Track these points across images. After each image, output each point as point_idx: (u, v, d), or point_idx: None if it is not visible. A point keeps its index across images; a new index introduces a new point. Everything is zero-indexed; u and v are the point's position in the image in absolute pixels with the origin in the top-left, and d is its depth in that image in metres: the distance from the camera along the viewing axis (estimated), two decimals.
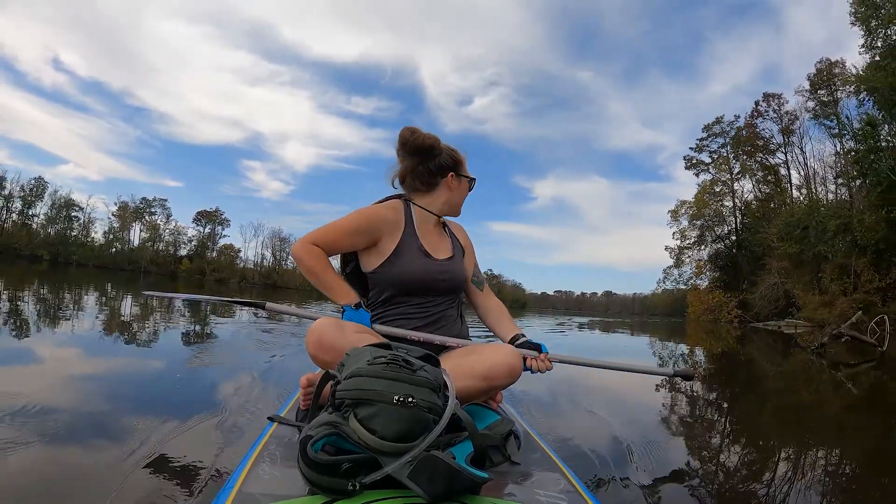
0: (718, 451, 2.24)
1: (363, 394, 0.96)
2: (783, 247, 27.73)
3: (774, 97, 36.03)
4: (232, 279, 58.33)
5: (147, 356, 3.64)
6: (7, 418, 1.72)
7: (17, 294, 8.11)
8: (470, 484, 0.91)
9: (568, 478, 1.11)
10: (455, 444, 1.07)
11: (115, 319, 6.10)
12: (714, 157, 39.26)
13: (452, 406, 1.00)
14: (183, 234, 65.44)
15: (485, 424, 1.23)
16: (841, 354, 7.90)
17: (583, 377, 3.73)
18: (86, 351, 3.56)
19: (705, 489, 1.71)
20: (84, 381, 2.54)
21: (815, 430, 2.97)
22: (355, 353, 1.08)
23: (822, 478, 1.93)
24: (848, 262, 24.20)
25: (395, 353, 1.05)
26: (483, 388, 1.40)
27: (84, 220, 58.00)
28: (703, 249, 39.41)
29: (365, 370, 0.98)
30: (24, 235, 50.63)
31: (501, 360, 1.42)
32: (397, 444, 0.93)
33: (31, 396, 1.99)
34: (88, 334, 4.40)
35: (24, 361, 2.90)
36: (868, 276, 23.47)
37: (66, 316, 5.71)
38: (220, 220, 67.41)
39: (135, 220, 61.52)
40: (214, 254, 66.61)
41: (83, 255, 52.09)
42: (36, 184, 54.36)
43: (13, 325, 4.41)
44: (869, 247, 23.62)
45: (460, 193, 1.78)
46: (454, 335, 1.66)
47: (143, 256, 58.18)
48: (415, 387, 0.97)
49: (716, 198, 38.87)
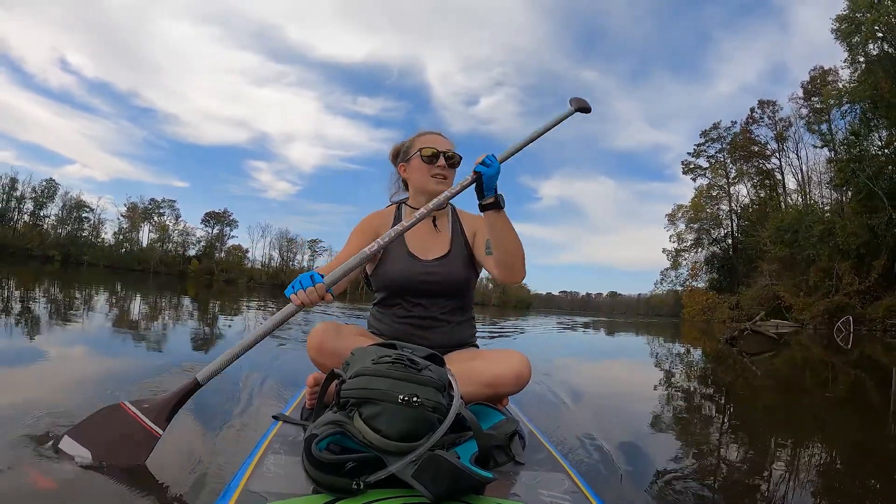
0: (719, 449, 2.23)
1: (368, 393, 0.96)
2: (774, 250, 29.10)
3: (769, 104, 36.94)
4: (240, 279, 58.93)
5: (152, 352, 3.66)
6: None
7: (28, 294, 8.17)
8: (474, 484, 0.91)
9: (572, 478, 1.11)
10: (459, 443, 1.07)
11: (124, 318, 6.14)
12: (712, 161, 40.11)
13: (457, 406, 1.00)
14: (192, 235, 66.47)
15: (489, 424, 1.23)
16: (749, 346, 9.49)
17: (587, 378, 3.73)
18: (91, 348, 3.58)
19: (709, 487, 1.70)
20: (84, 381, 2.56)
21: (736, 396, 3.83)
22: (360, 353, 1.08)
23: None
24: (832, 265, 25.72)
25: (400, 353, 1.05)
26: (487, 395, 1.39)
27: (94, 221, 59.26)
28: (701, 252, 40.41)
29: (370, 369, 0.98)
30: (36, 236, 51.47)
31: (508, 368, 1.40)
32: (401, 443, 0.93)
33: (34, 396, 2.00)
34: (94, 332, 4.43)
35: (11, 362, 2.92)
36: (849, 280, 24.82)
37: (76, 316, 5.75)
38: (228, 221, 68.32)
39: (144, 220, 62.43)
40: (223, 254, 67.40)
41: (94, 256, 53.01)
42: (47, 185, 55.53)
43: (9, 325, 4.44)
44: (851, 251, 24.92)
45: (417, 172, 1.67)
46: (450, 340, 1.64)
47: (153, 257, 59.08)
48: (420, 386, 0.97)
49: (712, 202, 39.89)
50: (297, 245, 71.01)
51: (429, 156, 1.64)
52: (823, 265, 26.31)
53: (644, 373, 5.46)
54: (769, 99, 37.31)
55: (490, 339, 7.35)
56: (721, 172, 39.55)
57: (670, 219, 41.67)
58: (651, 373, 5.48)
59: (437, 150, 1.64)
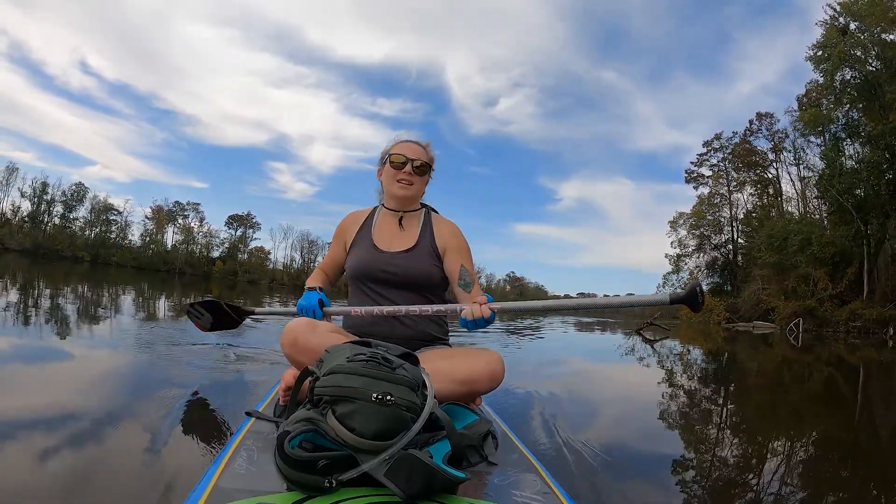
0: (698, 447, 2.28)
1: (342, 391, 0.95)
2: (764, 257, 31.03)
3: (767, 116, 38.59)
4: (263, 280, 59.88)
5: (126, 351, 3.58)
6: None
7: (57, 290, 8.49)
8: (447, 483, 0.91)
9: (545, 479, 1.12)
10: (433, 443, 1.08)
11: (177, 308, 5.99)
12: (714, 170, 41.91)
13: (431, 405, 1.01)
14: (216, 237, 67.71)
15: (463, 424, 1.24)
16: (649, 335, 11.59)
17: (562, 379, 3.78)
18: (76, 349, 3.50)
19: (681, 487, 1.74)
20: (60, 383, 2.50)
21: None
22: (335, 350, 1.08)
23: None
24: (809, 272, 28.00)
25: (375, 351, 1.05)
26: (462, 393, 1.40)
27: (122, 223, 61.05)
28: (702, 257, 42.25)
29: (344, 367, 0.98)
30: (66, 238, 53.37)
31: (482, 366, 1.42)
32: (375, 441, 0.93)
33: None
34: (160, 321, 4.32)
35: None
36: (823, 285, 27.01)
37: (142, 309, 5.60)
38: (250, 224, 69.69)
39: (168, 222, 63.75)
40: (246, 256, 68.49)
41: (122, 257, 54.56)
42: (77, 189, 57.63)
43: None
44: (826, 259, 27.25)
45: (386, 177, 1.78)
46: (413, 333, 1.67)
47: (178, 258, 60.23)
48: (394, 385, 0.97)
49: (714, 209, 41.69)
50: (317, 247, 71.56)
51: (397, 163, 1.74)
52: (802, 272, 28.37)
53: (604, 370, 5.55)
54: (767, 111, 39.08)
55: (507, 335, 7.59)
56: (722, 181, 41.33)
57: (672, 226, 43.26)
58: (617, 369, 5.56)
59: (406, 158, 1.73)
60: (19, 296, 7.07)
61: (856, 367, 7.46)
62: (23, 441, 1.51)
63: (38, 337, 3.68)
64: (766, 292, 30.38)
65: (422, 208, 1.84)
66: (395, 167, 1.74)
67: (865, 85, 26.54)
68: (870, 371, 7.09)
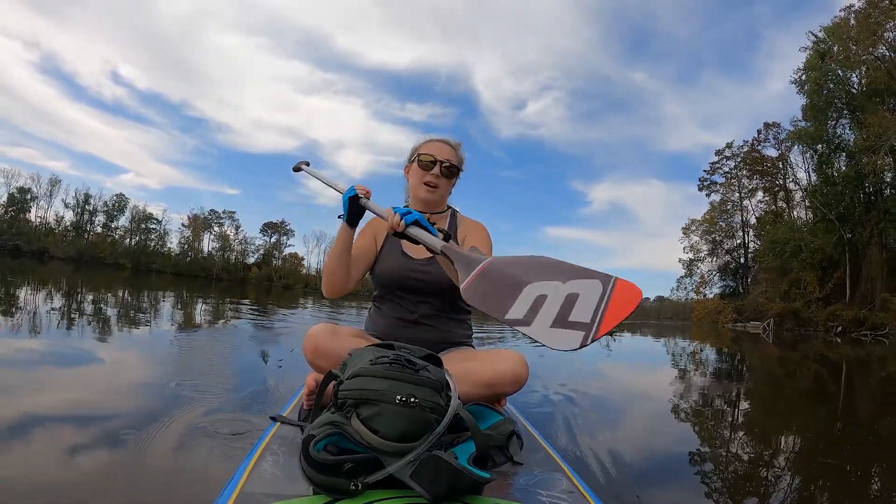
0: (722, 447, 2.23)
1: (366, 393, 0.95)
2: (765, 261, 34.18)
3: (773, 126, 39.95)
4: (297, 285, 61.08)
5: (161, 355, 3.65)
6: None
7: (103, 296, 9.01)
8: (472, 484, 0.91)
9: (570, 478, 1.11)
10: (457, 444, 1.07)
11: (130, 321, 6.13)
12: (727, 177, 43.28)
13: (455, 406, 1.00)
14: (251, 244, 70.21)
15: (487, 425, 1.23)
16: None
17: (586, 379, 3.73)
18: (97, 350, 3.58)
19: (707, 485, 1.70)
20: (84, 384, 2.56)
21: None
22: (358, 353, 1.08)
23: None
24: (800, 276, 31.03)
25: (398, 353, 1.04)
26: (485, 396, 1.38)
27: (161, 231, 63.89)
28: (715, 261, 43.92)
29: (367, 370, 0.98)
30: (108, 246, 56.34)
31: (505, 368, 1.40)
32: (400, 443, 0.93)
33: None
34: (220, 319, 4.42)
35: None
36: (811, 288, 30.19)
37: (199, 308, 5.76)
38: (284, 231, 71.51)
39: (204, 230, 66.34)
40: (280, 262, 70.30)
41: (161, 264, 57.10)
42: (118, 199, 61.04)
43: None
44: (816, 264, 30.43)
45: (413, 177, 1.73)
46: (440, 338, 1.65)
47: (216, 265, 62.76)
48: (417, 387, 0.96)
49: (725, 215, 43.38)
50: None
51: (425, 162, 1.68)
52: (794, 276, 31.50)
53: (637, 371, 5.48)
54: (774, 121, 40.30)
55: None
56: (734, 187, 42.80)
57: (684, 231, 44.81)
58: (644, 371, 5.49)
59: (435, 158, 1.67)
60: (72, 302, 7.27)
61: (796, 360, 8.44)
62: (56, 439, 1.55)
63: (91, 339, 3.82)
64: (765, 295, 32.91)
65: (448, 210, 1.81)
66: (423, 167, 1.68)
67: (849, 105, 30.19)
68: (807, 364, 7.86)
